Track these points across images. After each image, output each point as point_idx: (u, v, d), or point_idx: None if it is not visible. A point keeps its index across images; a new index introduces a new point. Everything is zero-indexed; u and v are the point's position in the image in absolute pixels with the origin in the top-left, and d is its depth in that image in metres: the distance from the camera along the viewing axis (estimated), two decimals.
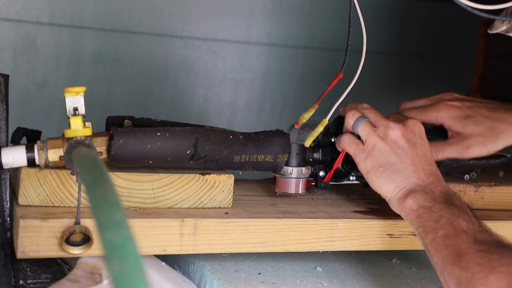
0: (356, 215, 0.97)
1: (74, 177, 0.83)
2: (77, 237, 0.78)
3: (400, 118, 0.98)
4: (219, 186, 0.91)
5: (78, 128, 0.78)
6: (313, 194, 1.06)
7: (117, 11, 1.60)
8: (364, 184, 1.09)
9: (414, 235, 0.98)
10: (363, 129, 0.94)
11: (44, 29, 1.54)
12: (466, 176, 1.11)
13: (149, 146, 0.84)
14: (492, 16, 0.86)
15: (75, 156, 0.74)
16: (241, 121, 1.80)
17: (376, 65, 1.92)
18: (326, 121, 0.99)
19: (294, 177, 0.97)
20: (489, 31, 0.96)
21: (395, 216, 0.98)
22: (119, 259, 0.49)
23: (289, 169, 0.96)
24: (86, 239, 0.79)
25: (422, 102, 1.10)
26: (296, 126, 1.00)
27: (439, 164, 1.05)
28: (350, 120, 0.96)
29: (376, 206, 1.04)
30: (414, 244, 0.98)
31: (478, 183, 1.09)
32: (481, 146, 1.05)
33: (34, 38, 1.53)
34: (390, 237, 0.96)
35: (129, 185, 0.86)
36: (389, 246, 0.97)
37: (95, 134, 0.82)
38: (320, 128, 0.99)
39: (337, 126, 1.03)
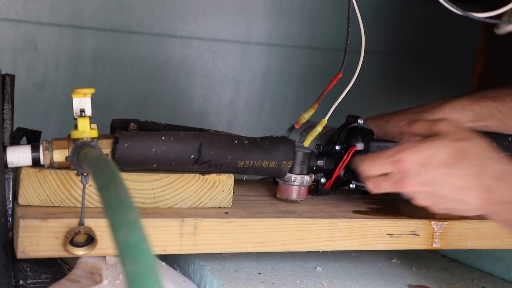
0: (356, 215, 0.97)
1: (74, 177, 0.83)
2: (81, 238, 0.79)
3: None
4: (219, 186, 0.91)
5: (85, 129, 0.78)
6: (313, 194, 1.06)
7: (117, 11, 1.60)
8: (364, 192, 1.10)
9: (414, 234, 0.98)
10: None
11: (44, 29, 1.54)
12: None
13: (153, 150, 0.84)
14: (496, 21, 0.86)
15: (83, 157, 0.74)
16: (241, 121, 1.80)
17: (376, 65, 1.92)
18: (325, 121, 0.99)
19: (297, 184, 0.97)
20: (496, 31, 0.96)
21: (395, 216, 0.98)
22: (133, 259, 0.49)
23: (293, 176, 0.96)
24: (90, 240, 0.79)
25: None
26: (296, 126, 1.00)
27: None
28: None
29: (376, 206, 1.04)
30: (414, 244, 0.98)
31: None
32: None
33: (34, 38, 1.53)
34: (390, 237, 0.96)
35: (129, 185, 0.86)
36: (389, 246, 0.97)
37: (100, 136, 0.82)
38: (319, 128, 0.99)
39: (341, 134, 1.03)
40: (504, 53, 1.66)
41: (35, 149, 0.82)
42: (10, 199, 0.83)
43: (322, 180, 1.04)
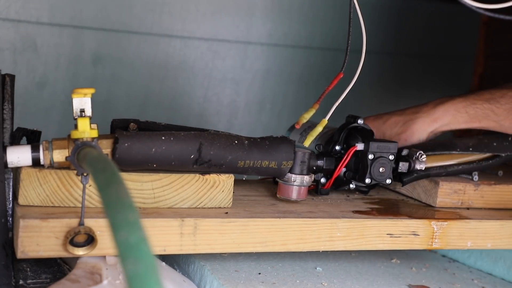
0: (356, 215, 0.97)
1: (74, 177, 0.83)
2: (81, 238, 0.79)
3: None
4: (219, 186, 0.91)
5: (85, 129, 0.78)
6: (313, 194, 1.06)
7: (117, 11, 1.60)
8: (364, 193, 1.10)
9: (414, 234, 0.98)
10: None
11: (44, 29, 1.54)
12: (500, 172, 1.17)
13: (153, 150, 0.84)
14: (496, 15, 0.86)
15: (83, 157, 0.74)
16: (241, 121, 1.80)
17: (376, 65, 1.92)
18: (325, 121, 0.99)
19: (297, 184, 0.97)
20: None
21: (395, 216, 0.98)
22: (133, 259, 0.50)
23: (292, 176, 0.96)
24: (90, 240, 0.79)
25: None
26: (297, 126, 1.00)
27: (428, 174, 1.06)
28: None
29: (376, 206, 1.04)
30: (414, 244, 0.98)
31: (477, 181, 1.09)
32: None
33: (34, 38, 1.53)
34: (390, 237, 0.96)
35: (129, 185, 0.86)
36: (389, 246, 0.97)
37: (100, 136, 0.82)
38: (319, 128, 0.99)
39: (341, 134, 1.03)
40: (504, 53, 1.66)
41: (35, 149, 0.82)
42: (10, 199, 0.83)
43: (322, 180, 1.04)
